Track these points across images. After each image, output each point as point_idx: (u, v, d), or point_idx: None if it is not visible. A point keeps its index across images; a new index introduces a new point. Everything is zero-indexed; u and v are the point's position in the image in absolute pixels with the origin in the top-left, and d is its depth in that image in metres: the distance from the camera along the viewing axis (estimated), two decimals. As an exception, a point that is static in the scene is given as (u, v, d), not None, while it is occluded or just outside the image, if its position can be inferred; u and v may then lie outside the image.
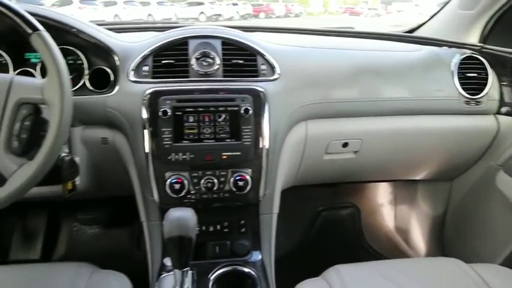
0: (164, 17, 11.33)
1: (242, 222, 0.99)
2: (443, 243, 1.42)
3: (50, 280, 0.83)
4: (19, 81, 0.69)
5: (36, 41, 0.67)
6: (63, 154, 0.88)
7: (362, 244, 1.61)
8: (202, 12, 12.63)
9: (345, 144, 1.07)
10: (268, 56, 0.98)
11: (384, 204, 1.69)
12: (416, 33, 1.40)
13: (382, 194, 1.69)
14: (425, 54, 1.15)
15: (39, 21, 0.71)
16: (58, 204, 1.43)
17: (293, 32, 1.33)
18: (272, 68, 0.98)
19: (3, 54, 0.95)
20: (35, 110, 0.70)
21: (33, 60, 1.00)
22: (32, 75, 0.95)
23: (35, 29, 0.68)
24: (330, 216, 1.61)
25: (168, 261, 0.92)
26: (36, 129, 0.71)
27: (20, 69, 0.95)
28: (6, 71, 0.95)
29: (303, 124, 1.02)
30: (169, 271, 0.89)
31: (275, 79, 0.97)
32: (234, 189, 0.91)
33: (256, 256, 0.96)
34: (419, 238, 1.52)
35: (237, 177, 0.90)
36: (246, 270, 0.91)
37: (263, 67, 0.98)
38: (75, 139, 0.94)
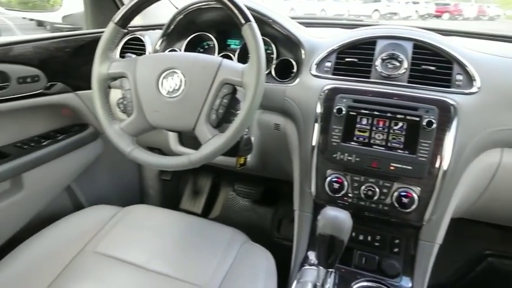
0: (336, 12, 11.36)
1: (397, 241, 0.91)
2: None
3: (210, 236, 0.96)
4: (226, 64, 0.79)
5: (247, 31, 0.75)
6: None
7: None
8: (376, 10, 12.07)
9: None
10: (468, 66, 0.85)
11: None
12: None
13: None
14: None
15: None
16: (222, 172, 1.64)
17: (501, 39, 1.11)
18: (471, 79, 0.84)
19: (213, 39, 1.12)
20: (233, 90, 0.80)
21: (233, 46, 1.15)
22: (230, 59, 1.09)
23: (247, 19, 0.76)
24: (500, 265, 1.32)
25: (312, 255, 0.94)
26: (230, 107, 0.81)
27: (222, 53, 1.11)
28: (212, 54, 1.12)
29: (497, 151, 0.86)
30: (311, 265, 0.90)
31: (472, 93, 0.83)
32: (396, 204, 0.84)
33: (406, 283, 0.87)
34: None
35: (402, 193, 0.83)
36: None
37: (459, 77, 0.86)
38: (253, 121, 1.04)
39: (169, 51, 1.14)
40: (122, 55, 1.19)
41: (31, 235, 0.92)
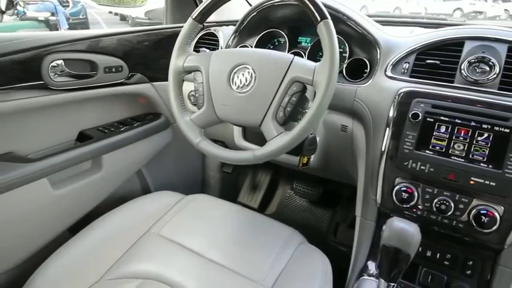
0: (412, 11, 10.65)
1: (470, 263, 0.83)
2: None
3: (268, 233, 0.96)
4: (297, 61, 0.78)
5: (322, 29, 0.73)
6: None
7: None
8: (458, 8, 11.05)
9: None
10: None
11: None
12: None
13: None
14: None
15: None
16: (282, 169, 1.64)
17: None
18: None
19: (285, 36, 1.12)
20: (302, 88, 0.78)
21: (304, 44, 1.13)
22: (300, 56, 1.07)
23: (323, 17, 0.73)
24: None
25: (371, 265, 0.90)
26: (298, 106, 0.80)
27: (293, 50, 1.10)
28: (282, 50, 1.11)
29: None
30: (370, 275, 0.86)
31: None
32: (474, 223, 0.76)
33: None
34: None
35: (482, 211, 0.75)
36: None
37: None
38: (320, 121, 1.02)
39: (241, 47, 1.16)
40: (196, 49, 1.24)
41: (104, 213, 1.00)
